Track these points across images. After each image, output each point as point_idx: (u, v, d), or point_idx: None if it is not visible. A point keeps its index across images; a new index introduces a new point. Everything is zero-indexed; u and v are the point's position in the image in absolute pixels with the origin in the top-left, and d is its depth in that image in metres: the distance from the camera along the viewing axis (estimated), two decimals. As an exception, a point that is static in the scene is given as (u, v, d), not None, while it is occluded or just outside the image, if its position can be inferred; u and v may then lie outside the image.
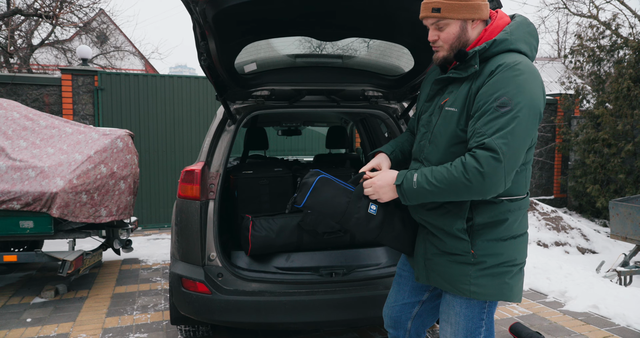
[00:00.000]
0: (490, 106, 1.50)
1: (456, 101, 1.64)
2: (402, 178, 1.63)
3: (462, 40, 1.65)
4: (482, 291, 1.64)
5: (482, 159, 1.45)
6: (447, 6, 1.60)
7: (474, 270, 1.64)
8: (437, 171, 1.55)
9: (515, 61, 1.55)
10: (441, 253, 1.72)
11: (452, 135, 1.64)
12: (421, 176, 1.58)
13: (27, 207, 3.74)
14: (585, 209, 8.83)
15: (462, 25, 1.63)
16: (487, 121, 1.49)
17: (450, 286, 1.70)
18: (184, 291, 2.61)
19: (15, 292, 4.28)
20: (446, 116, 1.66)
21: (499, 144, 1.45)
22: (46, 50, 13.00)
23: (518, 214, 1.66)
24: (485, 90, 1.54)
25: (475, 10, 1.62)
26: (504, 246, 1.64)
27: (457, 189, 1.51)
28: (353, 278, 2.64)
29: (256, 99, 2.99)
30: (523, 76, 1.52)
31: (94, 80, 6.83)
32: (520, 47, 1.62)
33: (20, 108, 4.45)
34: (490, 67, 1.57)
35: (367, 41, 2.80)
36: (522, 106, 1.48)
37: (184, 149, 7.35)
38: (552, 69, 14.83)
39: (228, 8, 2.08)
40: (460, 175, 1.48)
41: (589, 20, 10.29)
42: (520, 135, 1.48)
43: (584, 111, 8.97)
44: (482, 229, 1.63)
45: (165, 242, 6.30)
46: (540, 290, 4.32)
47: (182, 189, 2.70)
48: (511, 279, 1.66)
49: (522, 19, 1.69)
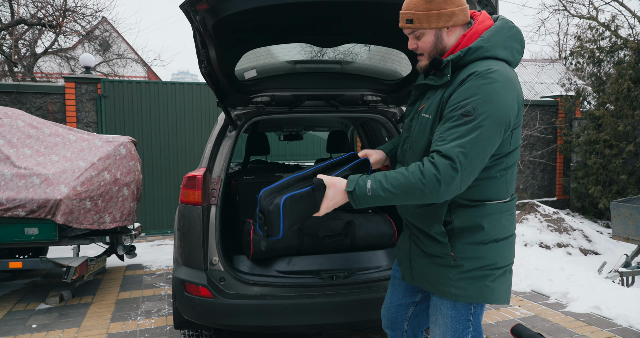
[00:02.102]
0: (455, 113, 1.51)
1: (430, 107, 1.67)
2: (354, 185, 1.58)
3: (439, 48, 1.65)
4: (462, 293, 1.65)
5: (440, 167, 1.46)
6: (418, 17, 1.60)
7: (455, 272, 1.65)
8: (392, 177, 1.53)
9: (488, 68, 1.53)
10: (424, 255, 1.74)
11: (426, 141, 1.66)
12: (375, 182, 1.54)
13: (32, 214, 3.79)
14: (588, 210, 8.82)
15: (437, 33, 1.63)
16: (449, 128, 1.51)
17: (433, 288, 1.72)
18: (187, 295, 2.64)
19: (20, 299, 4.32)
20: (422, 122, 1.69)
21: (456, 153, 1.46)
22: (49, 58, 13.10)
23: (499, 217, 1.66)
24: (455, 97, 1.55)
25: (448, 18, 1.60)
26: (485, 249, 1.64)
27: (412, 195, 1.51)
28: (354, 281, 2.67)
29: (257, 105, 3.03)
30: (494, 85, 1.50)
31: (97, 88, 6.90)
32: (497, 54, 1.59)
33: (24, 116, 4.50)
34: (462, 76, 1.57)
35: (365, 47, 2.84)
36: (487, 116, 1.48)
37: (186, 155, 7.40)
38: (553, 70, 14.84)
39: (227, 16, 2.12)
40: (417, 181, 1.48)
41: (589, 21, 10.30)
42: (480, 145, 1.48)
43: (585, 112, 8.98)
44: (462, 232, 1.64)
45: (168, 248, 6.34)
46: (542, 292, 4.33)
47: (185, 194, 2.73)
48: (493, 282, 1.66)
49: (502, 23, 1.65)
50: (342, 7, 2.18)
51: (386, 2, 2.09)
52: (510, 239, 1.72)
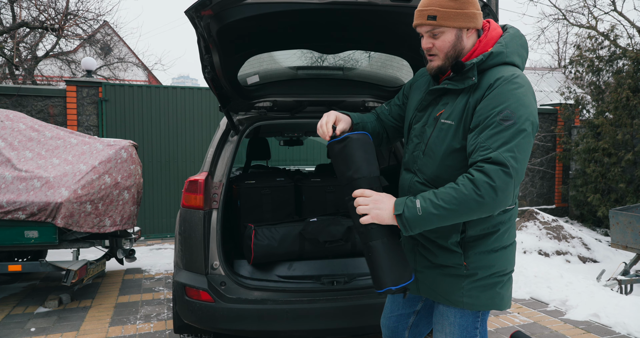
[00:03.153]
0: (493, 119, 1.47)
1: (452, 113, 1.61)
2: (403, 207, 1.50)
3: (458, 49, 1.61)
4: (474, 302, 1.65)
5: (492, 174, 1.41)
6: (443, 14, 1.56)
7: (467, 282, 1.65)
8: (443, 192, 1.46)
9: (513, 74, 1.54)
10: (433, 266, 1.72)
11: (447, 147, 1.61)
12: (424, 201, 1.47)
13: (32, 217, 3.79)
14: (587, 218, 8.83)
15: (458, 33, 1.60)
16: (491, 135, 1.46)
17: (443, 298, 1.71)
18: (188, 299, 2.64)
19: (19, 302, 4.31)
20: (442, 128, 1.63)
21: (507, 158, 1.42)
22: (50, 61, 13.14)
23: (508, 224, 1.67)
24: (486, 103, 1.51)
25: (471, 19, 1.59)
26: (496, 257, 1.65)
27: (468, 208, 1.44)
28: (354, 286, 2.67)
29: (259, 110, 3.05)
30: (522, 89, 1.51)
31: (99, 91, 6.92)
32: (514, 60, 1.61)
33: (26, 119, 4.52)
34: (488, 80, 1.55)
35: (367, 53, 2.86)
36: (526, 119, 1.47)
37: (186, 160, 7.41)
38: (552, 79, 14.91)
39: (231, 23, 2.15)
40: (471, 192, 1.42)
41: (588, 31, 10.37)
42: (525, 148, 1.47)
43: (584, 120, 9.02)
44: (474, 241, 1.63)
45: (167, 252, 6.33)
46: (541, 299, 4.33)
47: (186, 198, 2.74)
48: (502, 288, 1.68)
49: (515, 31, 1.69)
50: (345, 14, 2.20)
51: (388, 9, 2.11)
52: (514, 245, 1.75)
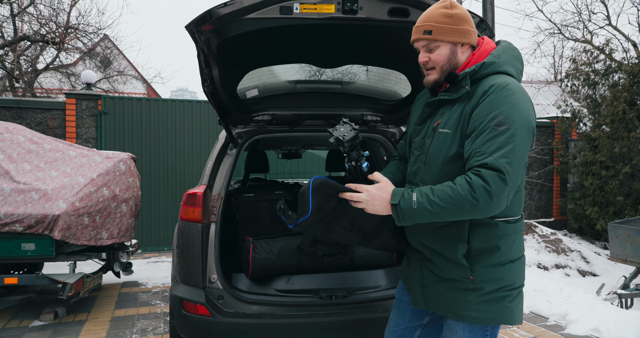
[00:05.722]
0: (487, 125, 1.52)
1: (449, 122, 1.67)
2: (399, 197, 1.56)
3: (453, 62, 1.69)
4: (483, 316, 1.64)
5: (488, 178, 1.45)
6: (438, 29, 1.66)
7: (474, 296, 1.64)
8: (440, 190, 1.51)
9: (505, 81, 1.59)
10: (440, 280, 1.72)
11: (446, 156, 1.65)
12: (421, 195, 1.53)
13: (30, 229, 3.77)
14: (585, 231, 8.82)
15: (452, 48, 1.68)
16: (486, 140, 1.50)
17: (451, 313, 1.70)
18: (185, 313, 2.62)
19: (14, 315, 4.26)
20: (439, 137, 1.68)
21: (502, 163, 1.46)
22: (50, 74, 13.20)
23: (514, 237, 1.67)
24: (481, 110, 1.57)
25: (465, 35, 1.68)
26: (503, 270, 1.65)
27: (461, 209, 1.49)
28: (353, 300, 2.65)
29: (257, 124, 3.06)
30: (515, 96, 1.56)
31: (98, 104, 6.94)
32: (507, 70, 1.67)
33: (25, 132, 4.52)
34: (482, 88, 1.61)
35: (365, 68, 2.89)
36: (520, 124, 1.52)
37: (184, 173, 7.40)
38: (548, 92, 15.02)
39: (231, 37, 2.17)
40: (467, 194, 1.46)
41: (583, 45, 10.49)
42: (519, 153, 1.51)
43: (581, 133, 9.07)
44: (480, 254, 1.63)
45: (164, 265, 6.29)
46: (540, 313, 4.31)
47: (184, 212, 2.74)
48: (511, 302, 1.67)
49: (507, 44, 1.76)
50: (343, 29, 2.23)
51: (386, 24, 2.14)
52: (522, 258, 1.74)
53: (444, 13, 1.66)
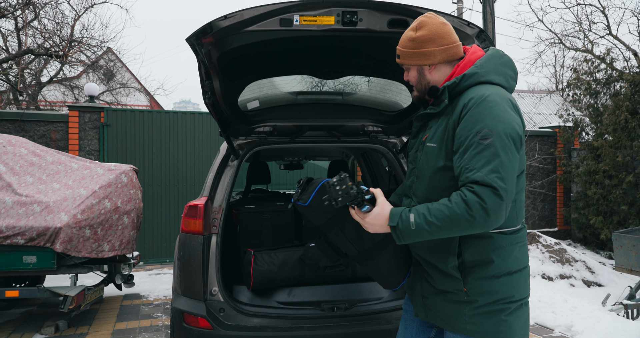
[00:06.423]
0: (473, 140, 1.51)
1: (435, 136, 1.68)
2: (397, 219, 1.56)
3: (423, 83, 1.75)
4: (478, 329, 1.61)
5: (483, 195, 1.44)
6: (403, 54, 1.74)
7: (469, 308, 1.62)
8: (436, 209, 1.51)
9: (484, 93, 1.58)
10: (437, 292, 1.71)
11: (433, 169, 1.66)
12: (418, 216, 1.52)
13: (31, 242, 3.77)
14: (590, 241, 8.76)
15: (419, 69, 1.74)
16: (474, 155, 1.49)
17: (447, 325, 1.69)
18: (186, 326, 2.60)
19: (15, 328, 4.24)
20: (427, 151, 1.70)
21: (493, 179, 1.44)
22: (54, 87, 13.30)
23: (511, 249, 1.63)
24: (464, 125, 1.56)
25: (427, 57, 1.69)
26: (498, 283, 1.60)
27: (459, 227, 1.48)
28: (355, 312, 2.63)
29: (259, 135, 3.06)
30: (497, 106, 1.55)
31: (100, 116, 6.97)
32: (492, 79, 1.65)
33: (28, 144, 4.54)
34: (463, 101, 1.60)
35: (366, 78, 2.90)
36: (505, 135, 1.50)
37: (186, 184, 7.40)
38: (550, 101, 15.04)
39: (232, 49, 2.18)
40: (463, 212, 1.45)
41: (584, 54, 10.53)
42: (508, 165, 1.49)
43: (584, 142, 9.05)
44: (474, 266, 1.61)
45: (166, 277, 6.26)
46: (546, 325, 4.26)
47: (186, 223, 2.73)
48: (509, 316, 1.61)
49: (493, 51, 1.73)
50: (344, 40, 2.24)
51: (386, 36, 2.15)
52: (524, 271, 1.68)
53: (409, 37, 1.71)
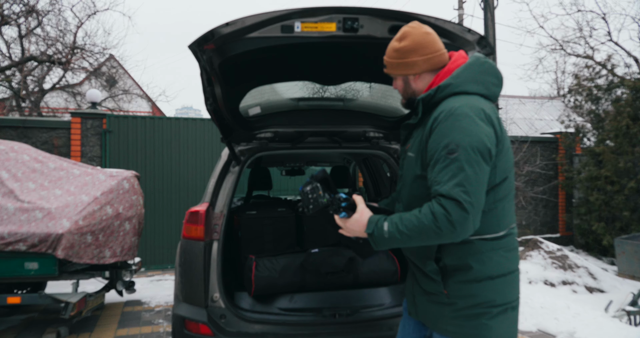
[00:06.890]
0: (440, 154, 1.54)
1: (413, 146, 1.74)
2: (373, 227, 1.62)
3: (408, 91, 1.80)
4: (459, 331, 1.64)
5: (449, 208, 1.47)
6: (389, 64, 1.79)
7: (449, 310, 1.65)
8: (407, 219, 1.55)
9: (452, 106, 1.58)
10: (423, 292, 1.77)
11: (412, 178, 1.72)
12: (391, 225, 1.58)
13: (33, 248, 3.77)
14: (592, 247, 8.72)
15: (404, 79, 1.79)
16: (441, 169, 1.53)
17: (432, 325, 1.74)
18: (187, 333, 2.59)
19: (16, 335, 4.23)
20: (408, 160, 1.77)
21: (457, 193, 1.47)
22: (57, 94, 13.34)
23: (490, 255, 1.63)
24: (434, 138, 1.59)
25: (411, 67, 1.73)
26: (479, 287, 1.61)
27: (427, 237, 1.52)
28: (356, 319, 2.62)
29: (260, 141, 3.07)
30: (465, 120, 1.55)
31: (102, 123, 7.00)
32: (468, 89, 1.65)
33: (30, 151, 4.56)
34: (434, 114, 1.62)
35: (367, 84, 2.91)
36: (471, 149, 1.51)
37: (188, 190, 7.41)
38: (552, 107, 15.04)
39: (233, 56, 2.20)
40: (430, 223, 1.49)
41: (585, 60, 10.54)
42: (474, 178, 1.50)
43: (585, 148, 9.04)
44: (454, 270, 1.64)
45: (168, 283, 6.25)
46: (548, 331, 4.23)
47: (187, 229, 2.73)
48: (490, 320, 1.61)
49: (473, 59, 1.72)
50: (345, 47, 2.25)
51: (387, 42, 2.16)
52: (509, 276, 1.67)
53: (393, 47, 1.76)
